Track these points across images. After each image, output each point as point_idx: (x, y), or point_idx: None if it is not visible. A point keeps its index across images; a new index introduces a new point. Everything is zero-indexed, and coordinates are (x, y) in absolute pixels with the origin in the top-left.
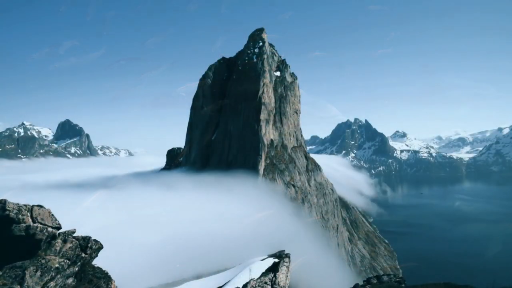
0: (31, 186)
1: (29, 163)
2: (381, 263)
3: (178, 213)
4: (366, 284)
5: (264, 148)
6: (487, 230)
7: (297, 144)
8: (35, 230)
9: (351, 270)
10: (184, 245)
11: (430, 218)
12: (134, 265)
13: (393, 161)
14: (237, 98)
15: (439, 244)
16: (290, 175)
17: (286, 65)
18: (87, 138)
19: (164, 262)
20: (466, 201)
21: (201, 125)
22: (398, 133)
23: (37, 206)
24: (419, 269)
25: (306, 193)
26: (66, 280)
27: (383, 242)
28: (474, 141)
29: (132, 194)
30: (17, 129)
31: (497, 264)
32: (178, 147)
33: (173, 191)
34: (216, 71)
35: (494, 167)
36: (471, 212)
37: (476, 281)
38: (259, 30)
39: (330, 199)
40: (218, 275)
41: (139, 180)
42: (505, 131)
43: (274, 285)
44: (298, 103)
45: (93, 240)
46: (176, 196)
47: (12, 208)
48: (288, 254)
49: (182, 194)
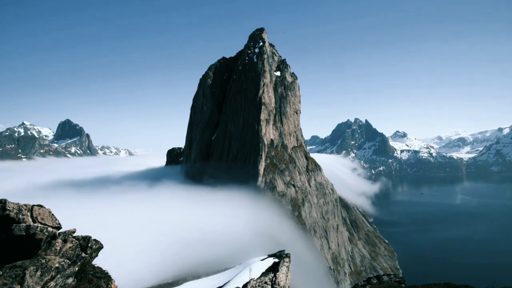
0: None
1: (29, 163)
2: (381, 263)
3: (178, 213)
4: (366, 284)
5: (264, 148)
6: (487, 230)
7: (297, 144)
8: (35, 230)
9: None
10: (184, 245)
11: (430, 218)
12: (134, 265)
13: (393, 161)
14: (237, 98)
15: (439, 244)
16: (290, 175)
17: (286, 65)
18: (87, 138)
19: (164, 262)
20: (466, 201)
21: (201, 124)
22: (398, 133)
23: (37, 205)
24: (419, 269)
25: (306, 193)
26: (66, 279)
27: (383, 242)
28: (474, 141)
29: (133, 195)
30: (17, 129)
31: (497, 264)
32: (178, 147)
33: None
34: (216, 71)
35: (494, 167)
36: (471, 212)
37: (476, 281)
38: (259, 30)
39: (330, 199)
40: (218, 275)
41: (139, 181)
42: (505, 131)
43: (274, 285)
44: (298, 103)
45: (93, 240)
46: (176, 197)
47: (12, 208)
48: (288, 254)
49: (182, 196)
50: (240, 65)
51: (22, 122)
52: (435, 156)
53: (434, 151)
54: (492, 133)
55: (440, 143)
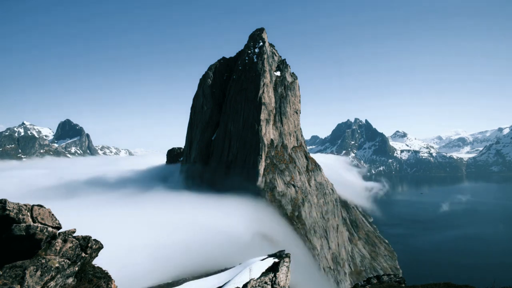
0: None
1: (30, 163)
2: (381, 263)
3: (178, 213)
4: (366, 284)
5: (264, 148)
6: (487, 230)
7: (297, 144)
8: (35, 229)
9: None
10: (184, 245)
11: (430, 218)
12: (134, 265)
13: (393, 161)
14: (237, 98)
15: (439, 244)
16: (290, 175)
17: (286, 65)
18: (87, 138)
19: (164, 262)
20: (466, 201)
21: (201, 124)
22: (398, 133)
23: (37, 205)
24: (419, 269)
25: (306, 193)
26: (66, 279)
27: (383, 242)
28: (474, 141)
29: (134, 195)
30: (17, 129)
31: (497, 264)
32: (179, 147)
33: (173, 192)
34: (217, 71)
35: (494, 167)
36: (471, 212)
37: (476, 281)
38: (259, 30)
39: (330, 199)
40: (218, 275)
41: (139, 181)
42: (505, 131)
43: (274, 285)
44: (298, 103)
45: (93, 240)
46: (176, 198)
47: (12, 208)
48: (288, 254)
49: (182, 196)
50: (240, 65)
51: (22, 122)
52: (435, 156)
53: (434, 151)
54: (492, 133)
55: (440, 143)
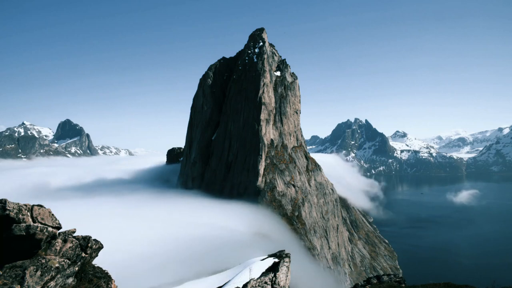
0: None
1: (30, 163)
2: (381, 263)
3: (178, 213)
4: (366, 284)
5: (264, 148)
6: (487, 230)
7: (297, 144)
8: (35, 229)
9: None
10: (184, 245)
11: (430, 218)
12: (134, 265)
13: (393, 161)
14: (237, 98)
15: (439, 244)
16: (290, 175)
17: (286, 65)
18: (87, 138)
19: (164, 262)
20: (466, 201)
21: (201, 124)
22: (398, 133)
23: (37, 205)
24: (419, 269)
25: (306, 193)
26: (66, 279)
27: (383, 242)
28: (474, 141)
29: (134, 195)
30: (17, 128)
31: (497, 264)
32: (179, 147)
33: (173, 192)
34: (217, 71)
35: (494, 167)
36: (471, 212)
37: (476, 281)
38: (259, 30)
39: (330, 199)
40: (218, 275)
41: (139, 181)
42: (505, 131)
43: (274, 285)
44: (298, 103)
45: (93, 240)
46: (176, 198)
47: (12, 208)
48: (288, 254)
49: (182, 196)
50: (240, 65)
51: (22, 122)
52: (435, 156)
53: (434, 151)
54: (492, 133)
55: (440, 143)
